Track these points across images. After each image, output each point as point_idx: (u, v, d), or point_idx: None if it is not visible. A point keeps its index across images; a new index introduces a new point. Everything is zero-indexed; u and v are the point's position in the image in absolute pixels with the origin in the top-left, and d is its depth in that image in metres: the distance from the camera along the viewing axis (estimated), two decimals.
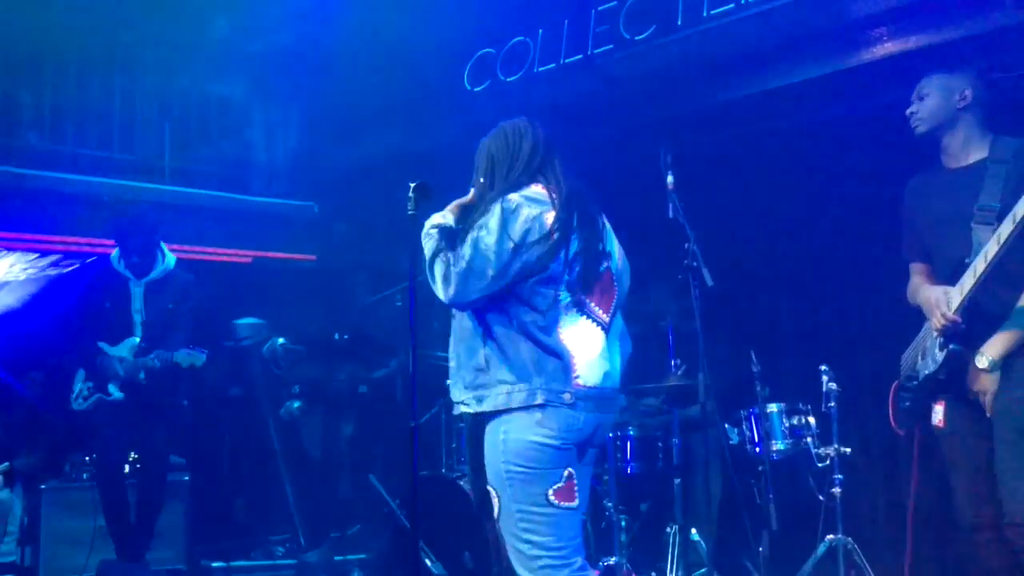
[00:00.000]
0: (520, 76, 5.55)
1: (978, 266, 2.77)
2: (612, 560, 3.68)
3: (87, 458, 4.89)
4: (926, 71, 3.15)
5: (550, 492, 2.41)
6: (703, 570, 3.89)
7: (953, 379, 2.88)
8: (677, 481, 4.04)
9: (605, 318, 2.59)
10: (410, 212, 2.79)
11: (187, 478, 5.14)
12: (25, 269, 5.42)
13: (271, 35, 6.19)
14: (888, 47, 4.28)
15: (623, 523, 4.08)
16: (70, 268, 5.42)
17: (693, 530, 4.16)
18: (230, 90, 6.61)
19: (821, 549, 3.97)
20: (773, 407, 4.18)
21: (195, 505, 5.11)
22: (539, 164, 2.70)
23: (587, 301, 2.54)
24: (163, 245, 4.69)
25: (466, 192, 2.86)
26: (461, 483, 4.07)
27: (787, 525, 3.94)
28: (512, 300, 2.49)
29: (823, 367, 4.07)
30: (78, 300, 4.64)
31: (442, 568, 3.87)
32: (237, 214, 6.40)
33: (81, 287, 4.63)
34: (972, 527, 2.91)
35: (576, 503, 2.46)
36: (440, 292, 2.53)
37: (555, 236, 2.49)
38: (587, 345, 2.52)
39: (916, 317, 3.13)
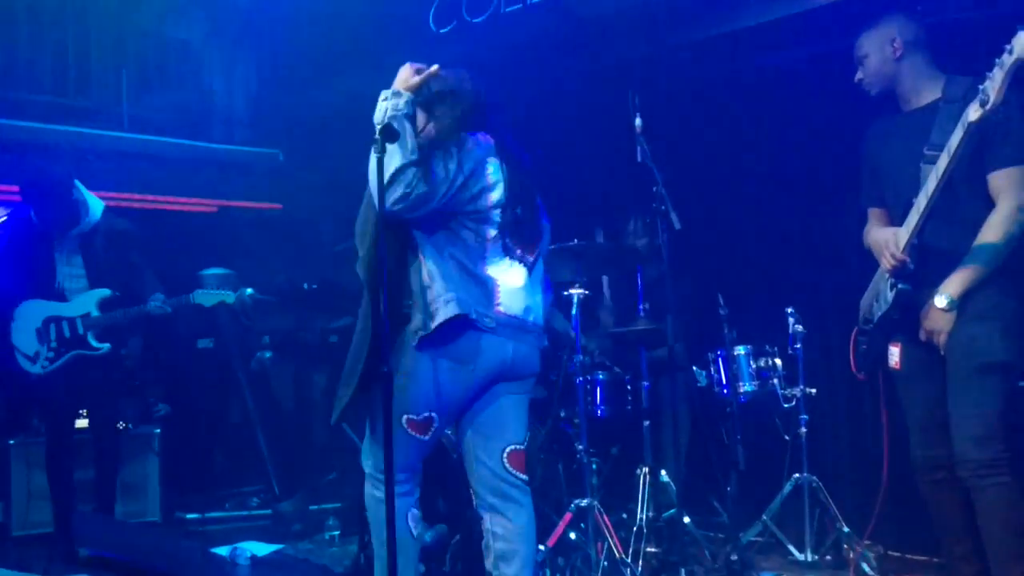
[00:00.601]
0: (486, 17, 5.43)
1: (920, 203, 2.80)
2: (584, 502, 3.73)
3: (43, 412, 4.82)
4: (901, 5, 3.13)
5: (404, 418, 2.72)
6: (672, 510, 3.96)
7: (905, 319, 2.93)
8: (646, 423, 4.09)
9: (529, 259, 2.83)
10: (377, 155, 2.74)
11: (158, 431, 5.12)
12: None
13: None
14: None
15: (594, 466, 4.13)
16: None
17: (663, 471, 4.23)
18: (188, 34, 6.41)
19: (787, 487, 4.06)
20: (740, 349, 4.23)
21: (168, 458, 5.10)
22: (483, 113, 2.91)
23: (512, 244, 2.77)
24: (85, 193, 4.40)
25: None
26: None
27: (754, 465, 4.03)
28: (445, 233, 2.73)
29: (789, 309, 4.11)
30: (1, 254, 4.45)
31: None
32: (200, 162, 6.26)
33: (2, 240, 4.43)
34: (925, 467, 2.97)
35: (426, 438, 2.79)
36: (388, 200, 2.62)
37: (491, 180, 2.74)
38: (509, 279, 2.76)
39: (875, 261, 3.16)
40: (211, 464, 5.89)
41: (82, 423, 4.63)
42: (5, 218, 4.61)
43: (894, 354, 3.02)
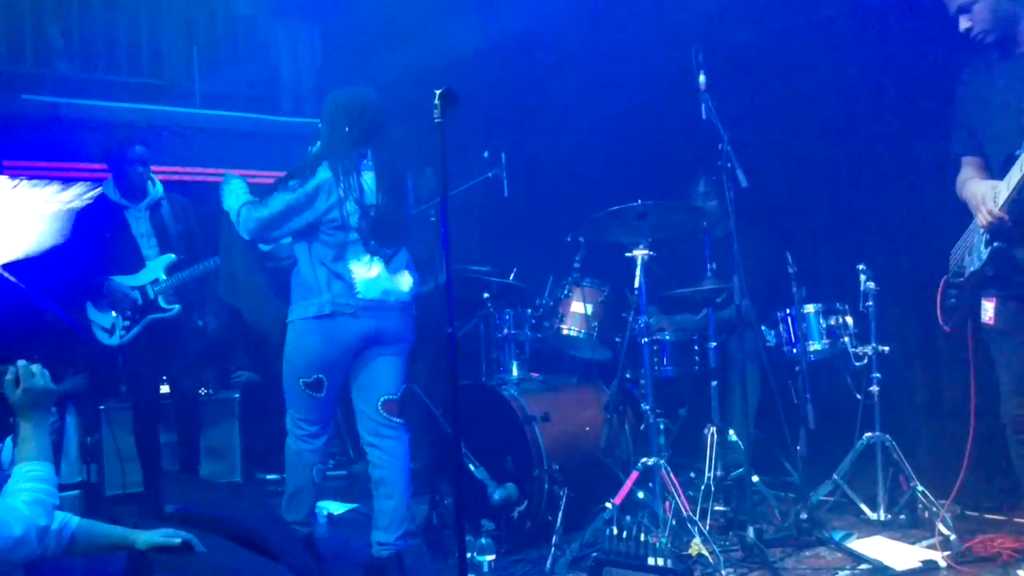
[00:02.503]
0: None
1: (999, 196, 2.69)
2: (651, 460, 3.76)
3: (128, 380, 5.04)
4: None
5: (301, 382, 3.57)
6: (740, 470, 3.96)
7: (1000, 276, 2.83)
8: (714, 383, 4.08)
9: (388, 252, 3.58)
10: (436, 120, 2.78)
11: (237, 396, 5.31)
12: (67, 198, 5.51)
13: None
14: None
15: (661, 425, 4.14)
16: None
17: (731, 431, 4.22)
18: (254, 9, 6.53)
19: (859, 446, 4.01)
20: (810, 308, 4.17)
21: (248, 421, 5.30)
22: (361, 134, 3.56)
23: (374, 243, 3.53)
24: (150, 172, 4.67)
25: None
26: (501, 390, 4.15)
27: (824, 424, 3.98)
28: (313, 238, 3.52)
29: (860, 266, 4.03)
30: (75, 232, 4.63)
31: (485, 472, 3.98)
32: (268, 136, 6.39)
33: (78, 219, 4.62)
34: (1016, 426, 2.89)
35: (322, 395, 3.58)
36: (241, 232, 3.61)
37: (344, 194, 3.46)
38: (369, 272, 3.53)
39: (956, 214, 3.07)
40: None
41: (166, 389, 4.85)
42: (91, 200, 4.81)
43: (988, 309, 2.91)
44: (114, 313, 4.54)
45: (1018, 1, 2.83)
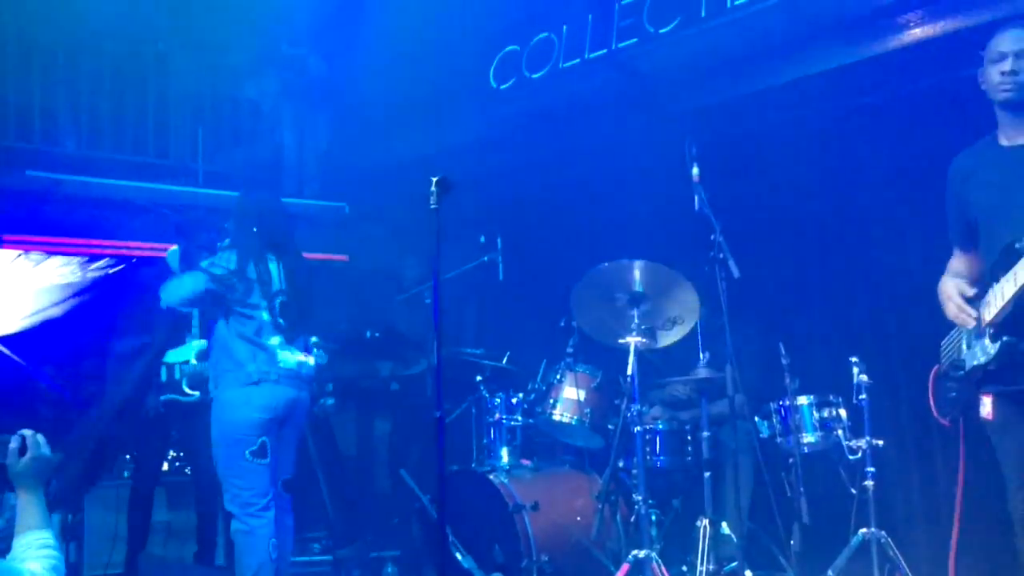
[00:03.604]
0: (545, 72, 5.56)
1: (1005, 291, 2.65)
2: (642, 553, 3.68)
3: (127, 456, 5.01)
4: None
5: (247, 452, 3.73)
6: (734, 563, 3.87)
7: (1004, 370, 2.76)
8: (707, 475, 4.02)
9: (294, 333, 3.99)
10: (432, 206, 2.83)
11: None
12: (66, 273, 5.55)
13: (298, 39, 6.27)
14: (916, 33, 4.22)
15: (653, 517, 4.07)
16: (113, 270, 5.54)
17: (724, 524, 4.14)
18: (260, 93, 6.70)
19: (854, 542, 3.92)
20: (803, 399, 4.14)
21: None
22: (267, 234, 4.01)
23: (283, 322, 3.94)
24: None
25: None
26: (490, 477, 4.09)
27: (819, 518, 3.91)
28: (233, 318, 3.89)
29: (854, 359, 4.01)
30: (142, 303, 4.71)
31: (472, 561, 3.90)
32: None
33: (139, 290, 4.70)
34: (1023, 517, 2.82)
35: (267, 460, 3.77)
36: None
37: (256, 279, 3.90)
38: (280, 346, 3.92)
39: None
40: None
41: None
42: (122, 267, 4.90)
43: (986, 404, 2.84)
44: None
45: None
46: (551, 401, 4.33)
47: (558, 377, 4.36)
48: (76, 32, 5.76)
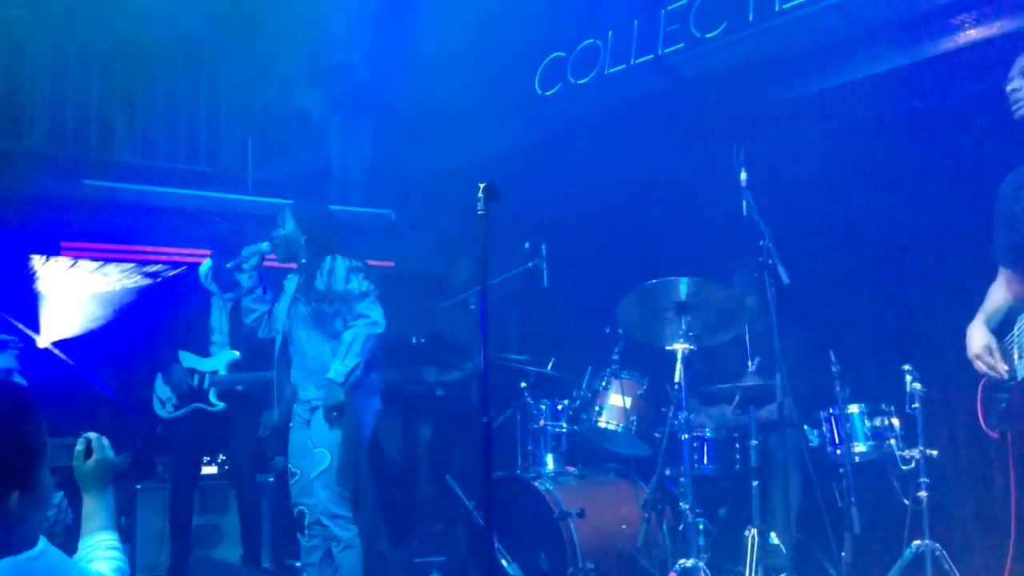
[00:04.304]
0: (591, 78, 5.56)
1: None
2: (689, 563, 3.64)
3: (170, 459, 5.10)
4: (1014, 57, 2.98)
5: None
6: (783, 574, 3.81)
7: None
8: (755, 483, 3.96)
9: None
10: (480, 212, 2.84)
11: (272, 479, 5.30)
12: (122, 280, 5.68)
13: (345, 49, 6.35)
14: (971, 34, 4.13)
15: (700, 525, 4.02)
16: (164, 276, 5.67)
17: (772, 534, 4.08)
18: (309, 103, 6.81)
19: (907, 555, 3.83)
20: (854, 408, 4.07)
21: (280, 506, 5.27)
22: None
23: None
24: None
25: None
26: (536, 484, 4.08)
27: (871, 530, 3.83)
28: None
29: (906, 367, 3.93)
30: (169, 313, 4.82)
31: (518, 569, 3.89)
32: None
33: (174, 297, 4.81)
34: None
35: None
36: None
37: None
38: None
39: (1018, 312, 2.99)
40: None
41: (210, 470, 4.90)
42: (170, 274, 5.02)
43: None
44: (172, 389, 4.64)
45: None
46: (596, 408, 4.31)
47: (603, 384, 4.34)
48: (131, 42, 5.90)
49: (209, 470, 5.02)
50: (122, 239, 5.79)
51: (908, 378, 3.90)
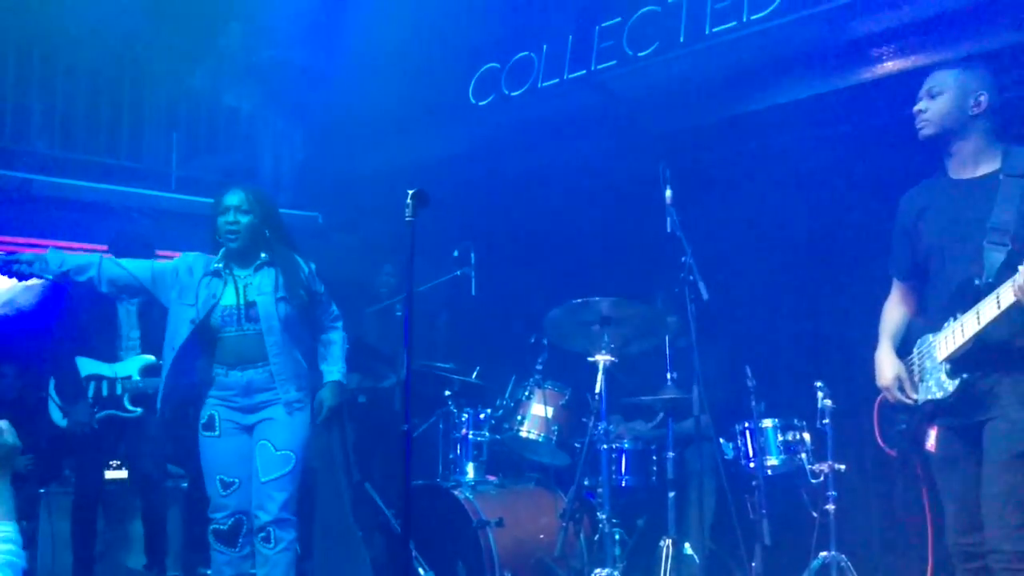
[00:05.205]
0: (524, 90, 5.61)
1: (966, 328, 2.66)
2: (604, 572, 3.68)
3: (74, 464, 4.92)
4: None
5: None
6: None
7: (959, 404, 2.76)
8: (671, 495, 4.03)
9: None
10: (408, 219, 2.84)
11: (185, 485, 5.16)
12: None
13: (278, 47, 6.27)
14: (890, 66, 4.31)
15: (616, 536, 4.08)
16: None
17: (687, 544, 4.15)
18: (237, 101, 6.68)
19: (815, 565, 3.95)
20: (768, 422, 4.18)
21: (191, 513, 5.13)
22: None
23: None
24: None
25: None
26: (455, 493, 4.08)
27: (780, 540, 3.94)
28: None
29: (818, 383, 4.05)
30: (61, 311, 4.59)
31: None
32: None
33: (65, 298, 4.57)
34: (961, 555, 2.80)
35: None
36: None
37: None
38: None
39: (914, 335, 3.11)
40: None
41: (115, 475, 4.73)
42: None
43: (931, 436, 2.86)
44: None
45: (984, 129, 2.80)
46: (519, 417, 4.34)
47: (526, 394, 4.37)
48: (52, 31, 5.71)
49: (116, 475, 4.84)
50: (36, 233, 5.58)
51: (820, 394, 4.03)
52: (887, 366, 3.01)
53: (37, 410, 4.45)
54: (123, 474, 4.92)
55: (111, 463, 4.77)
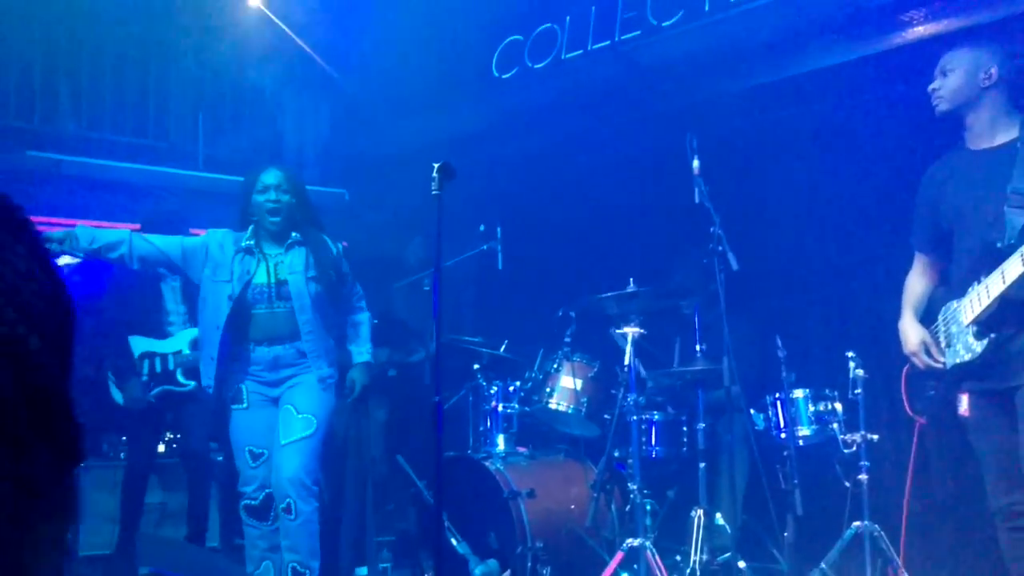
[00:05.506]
0: (548, 63, 5.57)
1: (991, 289, 2.71)
2: (636, 542, 3.70)
3: (123, 438, 5.02)
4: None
5: None
6: (728, 554, 3.90)
7: (987, 367, 2.81)
8: (702, 465, 4.05)
9: None
10: (434, 192, 2.84)
11: (220, 459, 5.24)
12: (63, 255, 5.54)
13: (302, 24, 6.26)
14: (920, 31, 4.24)
15: (647, 506, 4.09)
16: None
17: (718, 514, 4.17)
18: (262, 79, 6.69)
19: (848, 535, 3.95)
20: (799, 393, 4.17)
21: (228, 485, 5.21)
22: None
23: None
24: None
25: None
26: (486, 464, 4.11)
27: (813, 511, 3.93)
28: None
29: (850, 353, 4.03)
30: (108, 289, 4.68)
31: (468, 547, 3.91)
32: None
33: (110, 277, 4.65)
34: (1006, 515, 2.84)
35: None
36: None
37: None
38: None
39: (935, 305, 3.11)
40: None
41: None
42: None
43: (963, 401, 2.90)
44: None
45: (997, 100, 2.90)
46: (548, 390, 4.35)
47: (555, 366, 4.38)
48: (77, 15, 5.74)
49: (159, 448, 4.94)
50: (66, 213, 5.64)
51: (851, 364, 4.01)
52: (912, 333, 3.04)
53: (96, 388, 4.52)
54: (161, 448, 5.02)
55: (163, 437, 4.87)
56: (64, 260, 4.00)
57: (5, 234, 0.53)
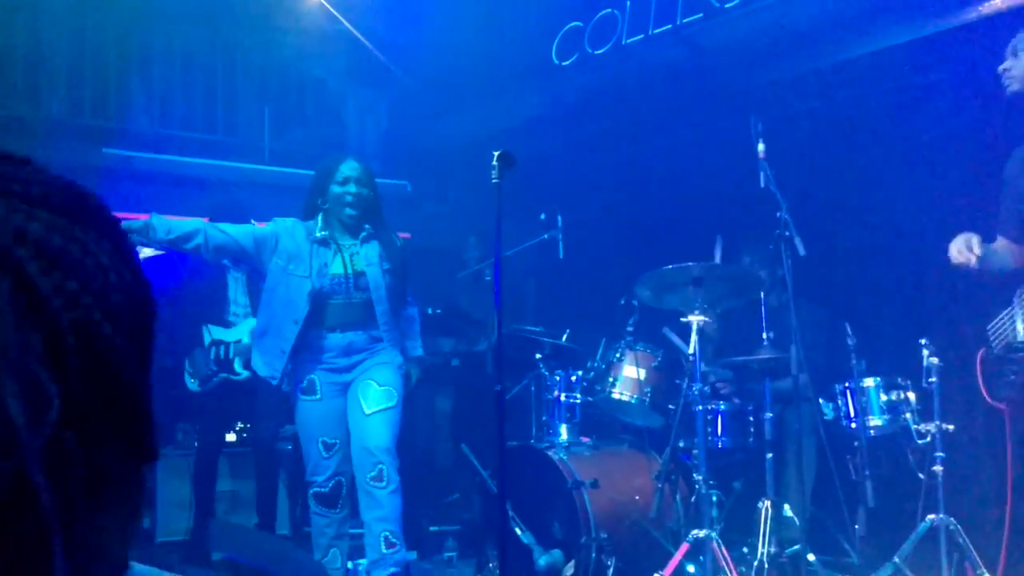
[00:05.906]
0: (608, 48, 5.51)
1: None
2: (702, 533, 3.66)
3: (197, 427, 5.17)
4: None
5: None
6: (796, 547, 3.82)
7: None
8: (769, 456, 3.97)
9: None
10: (494, 180, 2.84)
11: (289, 447, 5.35)
12: (139, 249, 5.71)
13: (361, 18, 6.32)
14: (996, 4, 4.06)
15: (713, 497, 4.04)
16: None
17: (786, 506, 4.09)
18: (325, 73, 6.79)
19: (921, 529, 3.84)
20: (870, 381, 4.06)
21: (297, 474, 5.33)
22: None
23: None
24: None
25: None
26: (549, 454, 4.11)
27: (885, 503, 3.84)
28: None
29: (923, 340, 3.91)
30: (184, 279, 4.82)
31: (532, 537, 3.92)
32: None
33: (187, 267, 4.80)
34: None
35: None
36: None
37: None
38: None
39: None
40: None
41: (232, 437, 4.97)
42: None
43: None
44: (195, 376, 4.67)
45: None
46: (610, 379, 4.32)
47: (618, 355, 4.35)
48: (148, 17, 5.90)
49: (229, 437, 5.09)
50: (139, 208, 5.81)
51: (925, 352, 3.88)
52: (961, 235, 2.95)
53: (172, 376, 4.67)
54: (231, 436, 5.15)
55: (231, 426, 5.01)
56: (145, 252, 4.12)
57: (92, 230, 0.54)
